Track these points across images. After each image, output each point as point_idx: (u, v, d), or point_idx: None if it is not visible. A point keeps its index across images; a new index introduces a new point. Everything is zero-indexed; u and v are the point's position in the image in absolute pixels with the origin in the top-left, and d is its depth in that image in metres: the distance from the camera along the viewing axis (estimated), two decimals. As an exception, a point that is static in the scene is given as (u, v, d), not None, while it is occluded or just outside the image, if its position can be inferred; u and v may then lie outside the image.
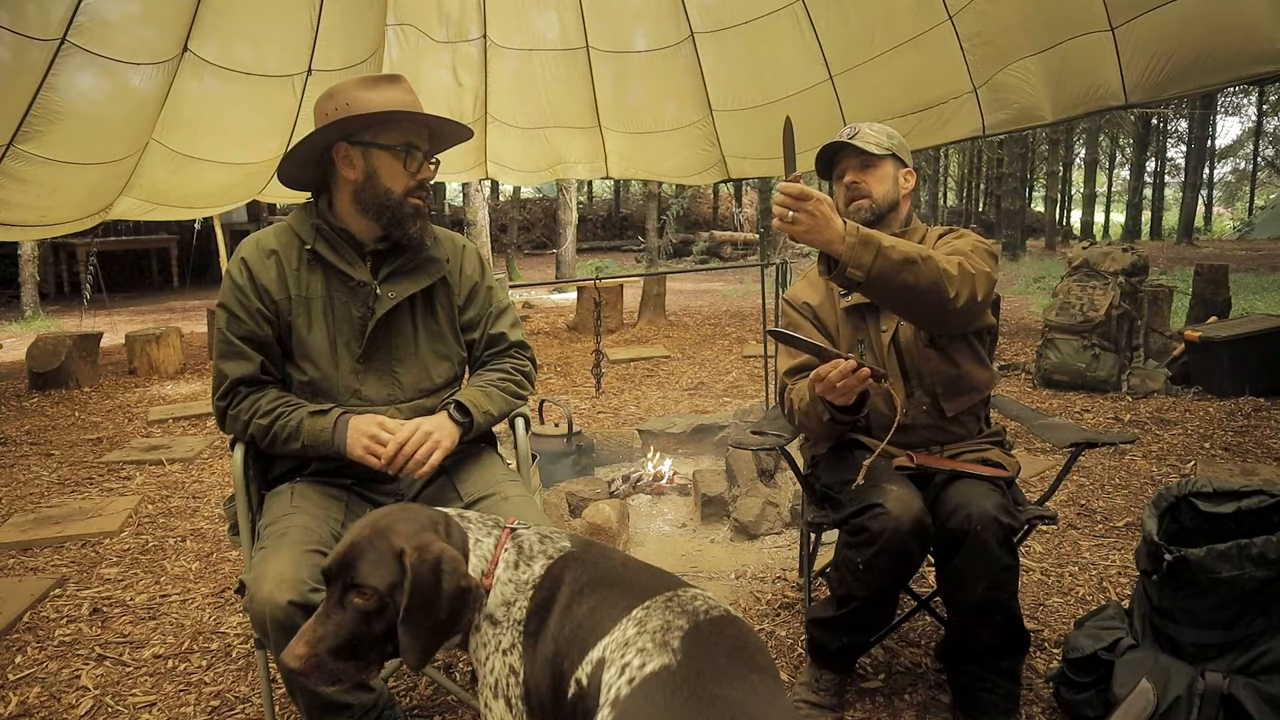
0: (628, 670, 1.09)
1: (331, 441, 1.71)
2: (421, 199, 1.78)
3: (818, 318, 2.14)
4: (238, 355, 1.74)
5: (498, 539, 1.33)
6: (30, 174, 3.59)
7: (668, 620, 1.15)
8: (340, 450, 1.71)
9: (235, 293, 1.75)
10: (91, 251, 10.92)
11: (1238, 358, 4.95)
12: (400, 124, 1.73)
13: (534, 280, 14.20)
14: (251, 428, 1.73)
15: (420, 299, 1.86)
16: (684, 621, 1.15)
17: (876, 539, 1.78)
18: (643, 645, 1.11)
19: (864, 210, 2.09)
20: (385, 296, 1.78)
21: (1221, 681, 1.72)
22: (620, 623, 1.17)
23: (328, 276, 1.78)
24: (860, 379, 1.77)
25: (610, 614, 1.19)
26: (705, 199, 23.47)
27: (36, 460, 4.42)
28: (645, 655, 1.10)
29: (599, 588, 1.25)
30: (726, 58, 4.93)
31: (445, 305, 1.90)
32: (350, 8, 4.24)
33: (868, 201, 2.09)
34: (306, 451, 1.73)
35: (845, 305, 2.10)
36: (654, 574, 1.32)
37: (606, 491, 3.56)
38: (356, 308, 1.78)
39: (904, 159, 2.14)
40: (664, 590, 1.23)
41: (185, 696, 2.21)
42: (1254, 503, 1.95)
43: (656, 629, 1.14)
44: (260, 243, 1.79)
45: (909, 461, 1.95)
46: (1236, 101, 27.39)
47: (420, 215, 1.79)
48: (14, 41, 3.20)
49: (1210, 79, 3.26)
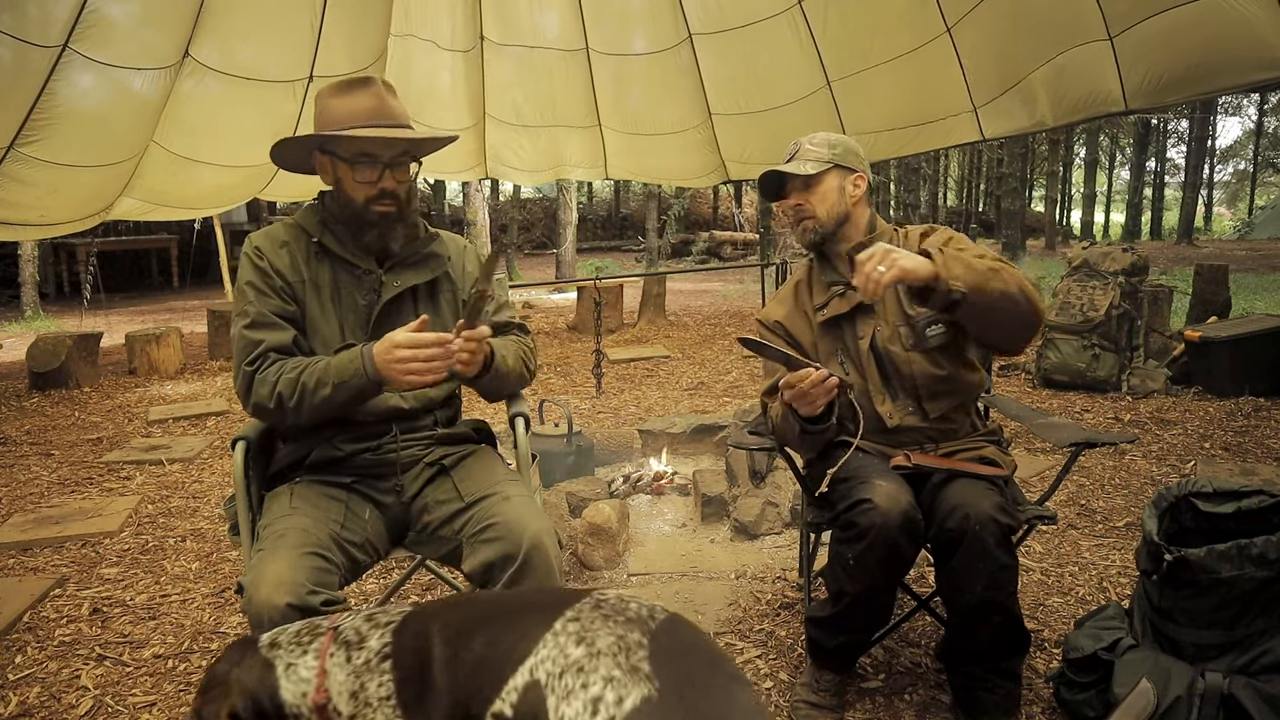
0: (603, 708, 1.01)
1: (362, 368, 1.65)
2: (388, 206, 1.78)
3: (789, 333, 2.15)
4: (271, 325, 1.74)
5: (319, 647, 1.25)
6: (31, 175, 3.60)
7: (620, 635, 1.09)
8: (374, 375, 1.64)
9: (257, 274, 1.77)
10: (91, 251, 10.92)
11: (1238, 358, 4.95)
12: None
13: (534, 280, 14.20)
14: (280, 385, 1.68)
15: (424, 291, 1.89)
16: (639, 635, 1.09)
17: (865, 534, 1.78)
18: (609, 674, 1.04)
19: (810, 232, 2.08)
20: (390, 284, 1.83)
21: (1221, 681, 1.72)
22: (543, 640, 1.11)
23: (334, 266, 1.82)
24: (827, 389, 1.81)
25: (519, 640, 1.13)
26: (705, 199, 23.47)
27: (36, 460, 4.42)
28: (619, 687, 1.03)
29: (486, 624, 1.19)
30: (725, 61, 4.93)
31: (449, 299, 1.93)
32: (353, 14, 4.24)
33: (812, 221, 2.08)
34: (336, 395, 1.67)
35: (822, 319, 2.10)
36: (545, 592, 1.27)
37: (606, 491, 3.56)
38: (362, 295, 1.82)
39: (850, 165, 2.07)
40: (572, 601, 1.16)
41: (185, 696, 2.21)
42: (1254, 503, 1.95)
43: (612, 649, 1.07)
44: (271, 235, 1.83)
45: (905, 461, 1.95)
46: (1237, 103, 27.40)
47: (386, 222, 1.79)
48: (17, 46, 3.21)
49: (1209, 85, 3.26)
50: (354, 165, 1.75)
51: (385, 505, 1.86)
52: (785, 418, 1.96)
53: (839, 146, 2.08)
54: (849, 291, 2.04)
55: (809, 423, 1.92)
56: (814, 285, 2.16)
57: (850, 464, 1.96)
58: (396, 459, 1.85)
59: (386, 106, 1.76)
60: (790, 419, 1.93)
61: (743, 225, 19.26)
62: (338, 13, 4.16)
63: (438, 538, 1.81)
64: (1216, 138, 28.59)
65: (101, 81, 3.63)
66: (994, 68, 4.03)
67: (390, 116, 1.75)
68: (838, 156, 2.06)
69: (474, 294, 1.63)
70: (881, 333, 2.04)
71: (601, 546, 2.98)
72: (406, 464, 1.87)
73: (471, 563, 1.67)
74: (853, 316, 2.07)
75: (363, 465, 1.84)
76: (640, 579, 2.90)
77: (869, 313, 2.06)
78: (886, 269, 1.73)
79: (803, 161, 2.06)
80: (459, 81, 5.09)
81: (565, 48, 5.06)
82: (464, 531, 1.73)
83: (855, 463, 1.97)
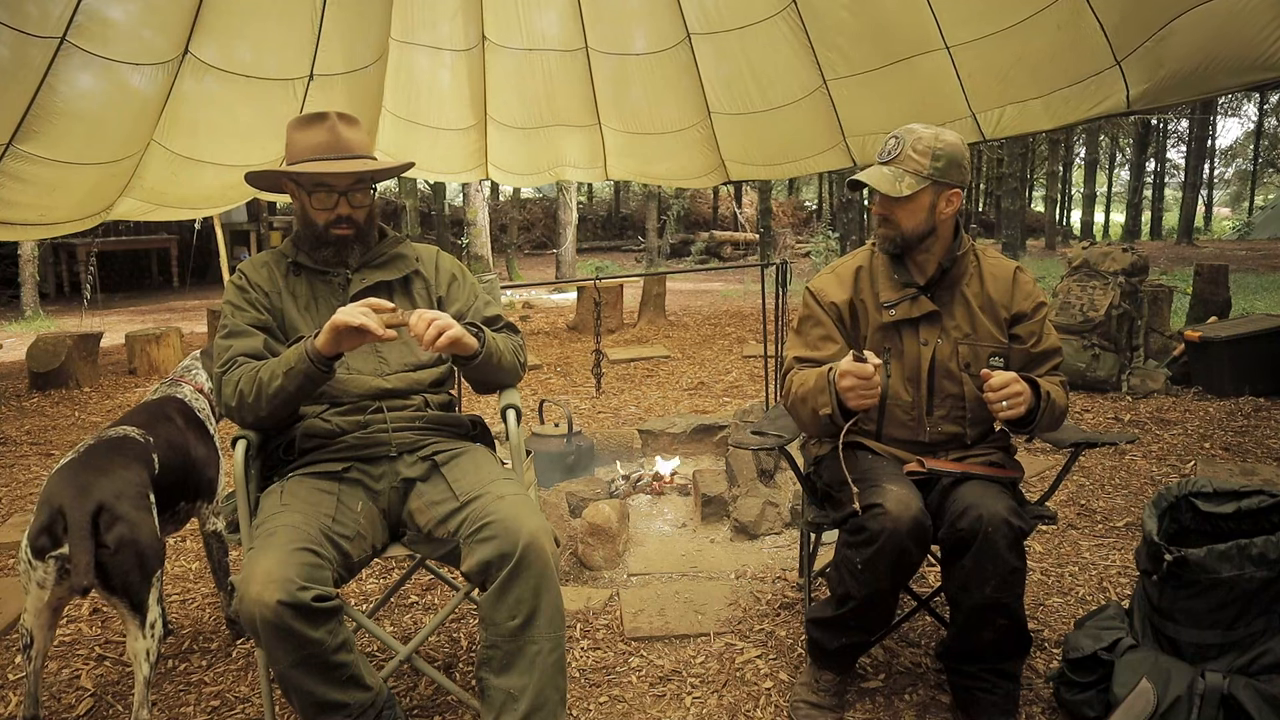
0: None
1: (304, 350, 1.73)
2: (345, 230, 1.93)
3: (841, 318, 2.09)
4: (243, 334, 1.88)
5: None
6: (30, 173, 3.59)
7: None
8: (323, 346, 1.72)
9: (238, 292, 1.95)
10: (91, 251, 10.92)
11: (1238, 358, 4.95)
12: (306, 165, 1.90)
13: (534, 280, 14.20)
14: (241, 382, 1.80)
15: (398, 288, 2.00)
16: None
17: (875, 539, 1.78)
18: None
19: (889, 241, 2.03)
20: (357, 281, 1.97)
21: (1221, 681, 1.72)
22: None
23: (309, 278, 1.98)
24: (877, 389, 1.84)
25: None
26: (705, 199, 23.47)
27: (36, 460, 4.42)
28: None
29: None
30: (724, 61, 4.93)
31: (424, 296, 2.02)
32: (353, 12, 4.23)
33: (895, 233, 2.01)
34: (288, 383, 1.75)
35: (890, 320, 2.04)
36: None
37: (606, 491, 3.56)
38: (335, 295, 1.96)
39: (949, 180, 1.95)
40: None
41: (185, 696, 2.21)
42: (1254, 503, 1.95)
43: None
44: (254, 259, 2.02)
45: (920, 467, 1.95)
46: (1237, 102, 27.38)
47: (343, 243, 1.95)
48: (13, 39, 3.20)
49: (1209, 85, 3.26)
50: (312, 193, 1.92)
51: (378, 494, 1.87)
52: (820, 393, 1.92)
53: (942, 159, 1.93)
54: (921, 297, 2.03)
55: (845, 414, 1.91)
56: (880, 278, 2.09)
57: (860, 465, 1.96)
58: (389, 439, 1.88)
59: (340, 140, 1.91)
60: (829, 396, 1.90)
61: (743, 225, 19.25)
62: (338, 11, 4.16)
63: (435, 538, 1.82)
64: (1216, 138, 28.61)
65: (100, 77, 3.62)
66: (994, 90, 4.02)
67: (344, 149, 1.91)
68: (938, 172, 1.93)
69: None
70: (942, 349, 2.03)
71: (601, 546, 2.98)
72: (400, 447, 1.89)
73: (469, 562, 1.68)
74: (916, 322, 2.04)
75: (354, 446, 1.86)
76: (640, 579, 2.90)
77: (934, 322, 2.04)
78: (1010, 406, 1.87)
79: (900, 173, 1.94)
80: (460, 82, 5.08)
81: (564, 48, 5.05)
82: (460, 531, 1.74)
83: (865, 464, 1.97)
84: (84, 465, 1.91)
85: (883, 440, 2.07)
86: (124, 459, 1.97)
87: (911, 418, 2.04)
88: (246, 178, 2.02)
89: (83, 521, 1.77)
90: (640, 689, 2.19)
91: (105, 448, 1.99)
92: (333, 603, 1.58)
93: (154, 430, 2.15)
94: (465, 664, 2.33)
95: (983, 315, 2.04)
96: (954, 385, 2.02)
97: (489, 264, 11.58)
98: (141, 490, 1.93)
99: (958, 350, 2.02)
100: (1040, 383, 1.95)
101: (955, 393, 2.02)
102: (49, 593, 1.83)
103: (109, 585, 1.81)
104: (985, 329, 2.03)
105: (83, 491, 1.82)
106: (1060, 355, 2.08)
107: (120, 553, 1.80)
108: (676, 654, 2.35)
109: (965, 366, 2.02)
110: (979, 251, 2.11)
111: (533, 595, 1.64)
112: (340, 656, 1.62)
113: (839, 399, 1.88)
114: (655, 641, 2.42)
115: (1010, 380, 1.87)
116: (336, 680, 1.62)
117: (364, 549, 1.80)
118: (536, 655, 1.65)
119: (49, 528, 1.79)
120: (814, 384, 1.94)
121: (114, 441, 2.02)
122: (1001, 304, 2.05)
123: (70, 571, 1.76)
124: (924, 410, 2.03)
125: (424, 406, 1.97)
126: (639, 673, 2.26)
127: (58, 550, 1.79)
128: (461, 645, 2.44)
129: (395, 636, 2.44)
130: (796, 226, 22.17)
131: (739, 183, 16.75)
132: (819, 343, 2.08)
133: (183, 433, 2.28)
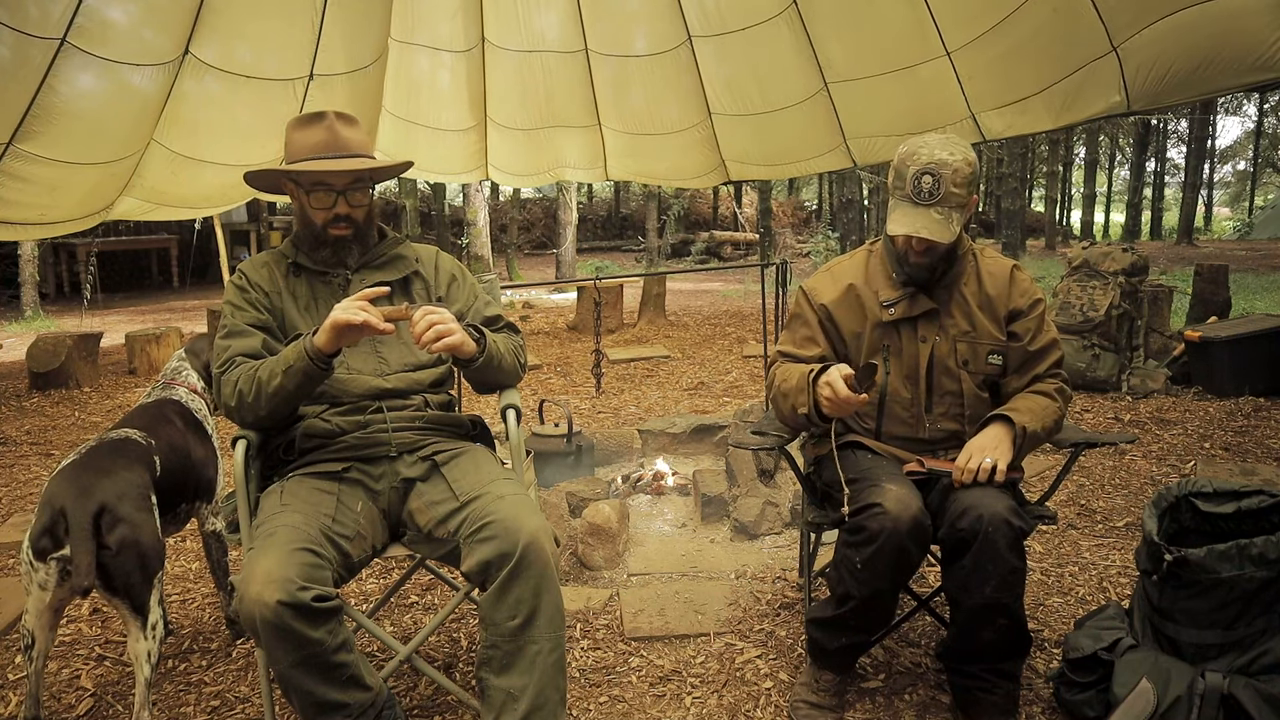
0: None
1: (302, 347, 1.73)
2: (343, 230, 1.93)
3: (831, 318, 2.10)
4: (241, 334, 1.89)
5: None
6: (30, 173, 3.59)
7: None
8: (322, 343, 1.72)
9: (238, 292, 1.95)
10: (91, 251, 10.91)
11: (1238, 358, 4.95)
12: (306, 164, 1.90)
13: (534, 280, 14.20)
14: (240, 382, 1.80)
15: (398, 289, 1.99)
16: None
17: (875, 538, 1.78)
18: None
19: (924, 269, 2.02)
20: (356, 281, 1.97)
21: (1221, 681, 1.72)
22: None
23: (309, 278, 1.99)
24: (858, 404, 1.85)
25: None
26: (705, 199, 23.45)
27: (36, 460, 4.42)
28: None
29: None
30: (725, 62, 4.93)
31: (424, 296, 2.03)
32: (353, 12, 4.23)
33: (934, 260, 2.01)
34: (286, 381, 1.75)
35: (889, 319, 2.05)
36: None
37: (606, 491, 3.56)
38: (335, 296, 1.93)
39: (973, 191, 1.97)
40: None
41: (185, 696, 2.21)
42: (1254, 503, 1.95)
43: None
44: (255, 260, 2.02)
45: (919, 467, 1.95)
46: (1237, 102, 27.38)
47: (341, 243, 1.95)
48: (14, 39, 3.20)
49: (1210, 86, 3.26)
50: (310, 193, 1.92)
51: (378, 494, 1.87)
52: (800, 393, 1.95)
53: (973, 179, 1.93)
54: (920, 295, 2.04)
55: (821, 419, 1.95)
56: (879, 277, 2.09)
57: (860, 465, 1.97)
58: (389, 439, 1.87)
59: (339, 139, 1.91)
60: (808, 397, 1.92)
61: (743, 225, 19.25)
62: (338, 11, 4.16)
63: (435, 538, 1.82)
64: (1216, 138, 28.58)
65: (100, 77, 3.62)
66: (994, 89, 4.02)
67: (342, 148, 1.91)
68: (973, 189, 1.94)
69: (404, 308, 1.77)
70: (941, 346, 2.04)
71: (601, 546, 2.98)
72: (400, 447, 1.89)
73: (469, 563, 1.68)
74: (915, 320, 2.05)
75: (353, 446, 1.86)
76: (640, 579, 2.90)
77: (933, 320, 2.05)
78: (988, 468, 1.87)
79: (948, 214, 1.92)
80: (460, 83, 5.08)
81: (565, 49, 5.05)
82: (460, 532, 1.74)
83: (865, 464, 1.97)
84: (85, 466, 1.91)
85: (882, 438, 2.08)
86: (125, 460, 1.96)
87: (911, 415, 2.05)
88: (245, 177, 2.02)
89: (84, 523, 1.77)
90: (640, 689, 2.19)
91: (107, 449, 1.99)
92: (333, 603, 1.58)
93: (155, 432, 2.15)
94: (465, 664, 2.33)
95: (981, 313, 2.05)
96: (953, 383, 2.04)
97: (489, 264, 11.57)
98: (143, 492, 1.93)
99: (956, 348, 2.04)
100: (1014, 416, 1.92)
101: (954, 390, 2.04)
102: (50, 594, 1.83)
103: (111, 586, 1.81)
104: (983, 326, 2.05)
105: (84, 493, 1.82)
106: (1059, 351, 2.07)
107: (122, 554, 1.80)
108: (676, 654, 2.35)
109: (964, 364, 2.04)
110: (977, 251, 2.13)
111: (533, 595, 1.64)
112: (340, 656, 1.62)
113: (816, 403, 1.91)
114: (655, 641, 2.42)
115: (967, 457, 1.89)
116: (336, 680, 1.62)
117: (364, 549, 1.80)
118: (536, 655, 1.65)
119: (51, 529, 1.79)
120: (795, 382, 1.97)
121: (115, 443, 2.02)
122: (999, 301, 2.06)
123: (72, 573, 1.75)
124: (923, 408, 2.05)
125: (424, 406, 1.97)
126: (639, 673, 2.26)
127: (59, 551, 1.79)
128: (461, 645, 2.44)
129: (395, 636, 2.44)
130: (796, 226, 22.16)
131: (739, 183, 16.78)
132: (804, 343, 2.12)
133: (183, 434, 2.28)
